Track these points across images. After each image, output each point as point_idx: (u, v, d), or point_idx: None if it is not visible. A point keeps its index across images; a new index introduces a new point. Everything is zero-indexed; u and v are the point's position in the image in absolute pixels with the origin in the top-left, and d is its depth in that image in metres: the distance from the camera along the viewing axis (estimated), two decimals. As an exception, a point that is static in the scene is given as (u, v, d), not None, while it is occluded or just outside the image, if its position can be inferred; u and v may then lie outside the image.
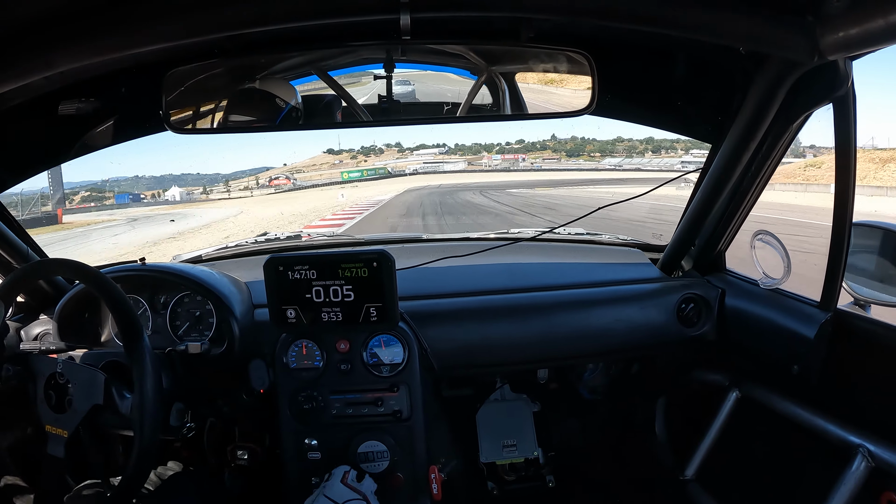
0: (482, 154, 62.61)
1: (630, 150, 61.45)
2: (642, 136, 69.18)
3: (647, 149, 61.13)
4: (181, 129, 1.61)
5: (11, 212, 1.87)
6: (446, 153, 64.12)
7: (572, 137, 64.76)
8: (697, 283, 1.98)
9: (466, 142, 61.98)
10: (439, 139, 72.29)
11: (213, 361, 1.78)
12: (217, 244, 2.58)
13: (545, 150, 62.63)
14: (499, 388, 2.45)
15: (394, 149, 59.49)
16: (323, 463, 1.78)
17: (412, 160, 56.09)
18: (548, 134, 63.92)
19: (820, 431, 1.58)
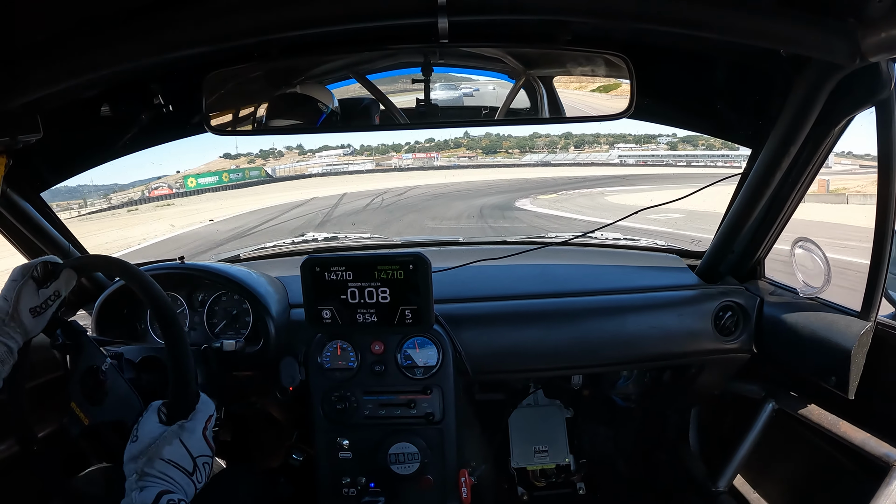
0: (391, 154, 60.77)
1: (551, 145, 59.79)
2: (560, 132, 67.76)
3: (568, 144, 59.47)
4: (221, 131, 1.64)
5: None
6: (351, 154, 62.39)
7: (486, 134, 62.94)
8: (736, 290, 1.94)
9: (373, 143, 59.21)
10: (344, 140, 68.29)
11: (247, 359, 1.80)
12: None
13: (459, 148, 60.77)
14: (532, 393, 2.43)
15: (294, 151, 57.22)
16: (354, 463, 1.79)
17: (314, 163, 53.65)
18: (460, 131, 61.97)
19: (856, 446, 1.54)
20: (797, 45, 1.21)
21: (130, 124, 1.87)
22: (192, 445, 1.20)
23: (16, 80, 1.22)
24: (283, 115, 1.66)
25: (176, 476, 1.15)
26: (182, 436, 1.20)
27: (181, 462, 1.17)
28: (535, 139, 61.14)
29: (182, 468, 1.17)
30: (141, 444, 1.17)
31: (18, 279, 1.31)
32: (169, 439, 1.18)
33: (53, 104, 1.50)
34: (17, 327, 1.30)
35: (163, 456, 1.15)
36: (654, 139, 58.23)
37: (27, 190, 1.82)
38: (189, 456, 1.19)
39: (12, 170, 1.58)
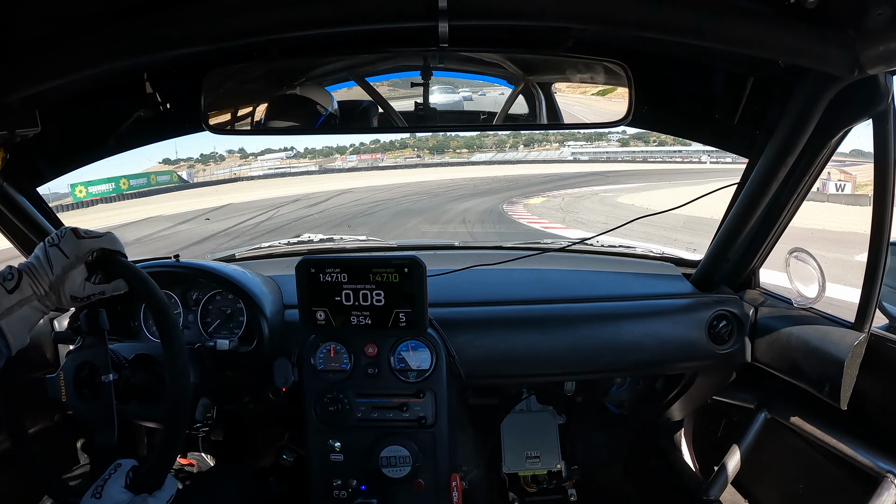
0: (334, 156, 59.71)
1: (500, 144, 59.36)
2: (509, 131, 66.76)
3: (517, 143, 59.01)
4: (219, 130, 1.64)
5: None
6: (294, 157, 61.27)
7: (434, 134, 62.37)
8: (730, 300, 1.94)
9: (317, 145, 57.79)
10: (287, 143, 66.25)
11: (241, 359, 1.79)
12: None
13: (405, 149, 59.87)
14: (525, 399, 2.43)
15: (236, 155, 55.62)
16: (345, 465, 1.79)
17: (256, 166, 52.18)
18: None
19: (849, 456, 1.55)
20: (796, 56, 1.21)
21: (128, 121, 1.86)
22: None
23: (14, 74, 1.22)
24: (281, 116, 1.66)
25: None
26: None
27: None
28: (483, 139, 60.46)
29: None
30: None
31: (71, 257, 1.27)
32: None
33: (52, 99, 1.49)
34: (55, 301, 1.28)
35: None
36: (605, 137, 58.00)
37: (23, 183, 1.82)
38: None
39: (9, 163, 1.58)
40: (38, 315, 1.27)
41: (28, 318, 1.24)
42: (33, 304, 1.24)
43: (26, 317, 1.24)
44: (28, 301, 1.23)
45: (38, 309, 1.26)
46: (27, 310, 1.23)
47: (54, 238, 1.29)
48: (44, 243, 1.29)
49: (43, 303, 1.26)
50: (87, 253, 1.29)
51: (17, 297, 1.22)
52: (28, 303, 1.23)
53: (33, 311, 1.25)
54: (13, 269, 1.24)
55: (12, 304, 1.21)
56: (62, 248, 1.27)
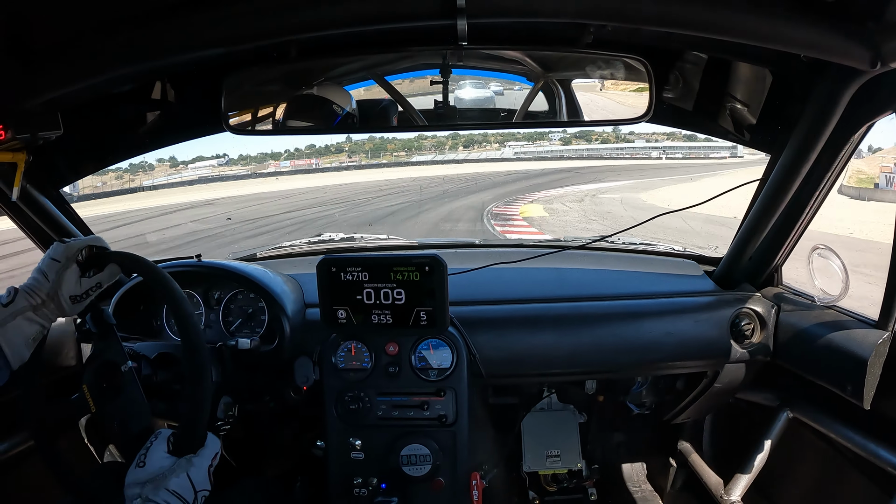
0: (268, 163, 58.78)
1: (439, 145, 58.44)
2: (447, 133, 66.04)
3: (457, 144, 57.99)
4: (239, 131, 1.65)
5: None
6: (226, 164, 59.35)
7: (370, 137, 60.91)
8: (752, 297, 1.92)
9: (252, 152, 56.70)
10: (220, 150, 64.14)
11: (262, 358, 1.80)
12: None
13: (341, 153, 58.70)
14: (546, 398, 2.42)
15: (166, 164, 54.21)
16: (366, 464, 1.79)
17: (188, 174, 50.75)
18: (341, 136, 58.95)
19: (871, 457, 1.52)
20: (816, 50, 1.19)
21: (149, 124, 1.88)
22: (197, 480, 1.25)
23: (37, 78, 1.24)
24: (301, 116, 1.67)
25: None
26: (189, 470, 1.24)
27: (185, 494, 1.22)
28: (421, 140, 59.78)
29: (183, 499, 1.21)
30: (148, 472, 1.22)
31: (62, 261, 1.32)
32: (177, 472, 1.23)
33: (73, 102, 1.51)
34: (55, 309, 1.31)
35: (169, 486, 1.20)
36: (546, 136, 57.17)
37: (46, 185, 1.84)
38: (192, 489, 1.23)
39: (32, 165, 1.59)
40: (36, 327, 1.29)
41: (24, 329, 1.26)
42: (27, 314, 1.27)
43: (22, 329, 1.26)
44: (21, 312, 1.26)
45: (34, 320, 1.28)
46: (21, 321, 1.26)
47: (46, 253, 1.34)
48: (39, 263, 1.34)
49: (40, 313, 1.29)
50: (76, 252, 1.34)
51: (10, 309, 1.25)
52: (21, 314, 1.26)
53: (29, 323, 1.27)
54: (11, 289, 1.28)
55: (5, 315, 1.24)
56: (52, 256, 1.32)
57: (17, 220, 1.83)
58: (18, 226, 1.86)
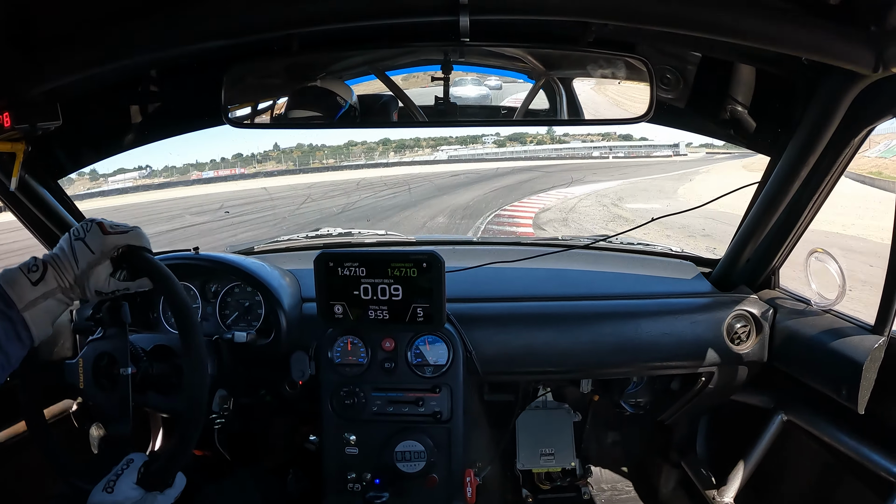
0: (191, 172, 55.20)
1: (368, 151, 58.01)
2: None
3: (388, 149, 57.30)
4: (239, 124, 1.65)
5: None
6: (148, 176, 54.71)
7: (298, 145, 58.95)
8: (749, 300, 1.93)
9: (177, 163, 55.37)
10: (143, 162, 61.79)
11: (258, 351, 1.80)
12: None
13: (268, 162, 57.33)
14: (541, 396, 2.42)
15: (86, 178, 51.51)
16: (360, 459, 1.79)
17: (107, 187, 48.01)
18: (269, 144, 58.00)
19: (865, 461, 1.53)
20: (819, 53, 1.19)
21: (149, 114, 1.88)
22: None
23: (37, 68, 1.24)
24: (300, 109, 1.66)
25: None
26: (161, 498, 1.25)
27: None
28: (350, 147, 59.36)
29: None
30: (113, 499, 1.20)
31: (97, 253, 1.27)
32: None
33: (73, 92, 1.51)
34: (79, 294, 1.28)
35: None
36: (479, 139, 57.11)
37: (45, 176, 1.84)
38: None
39: (31, 156, 1.59)
40: (62, 307, 1.27)
41: (52, 309, 1.24)
42: (58, 296, 1.24)
43: (50, 309, 1.24)
44: (52, 294, 1.23)
45: (61, 301, 1.26)
46: (51, 302, 1.24)
47: (79, 231, 1.29)
48: (69, 235, 1.29)
49: (67, 295, 1.27)
50: (113, 249, 1.29)
51: (41, 289, 1.22)
52: (52, 295, 1.23)
53: (57, 304, 1.25)
54: (38, 261, 1.24)
55: (37, 296, 1.21)
56: (88, 244, 1.27)
57: (15, 210, 1.83)
58: (16, 216, 1.86)
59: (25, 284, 1.20)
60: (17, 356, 1.20)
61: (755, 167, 17.87)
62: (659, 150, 47.20)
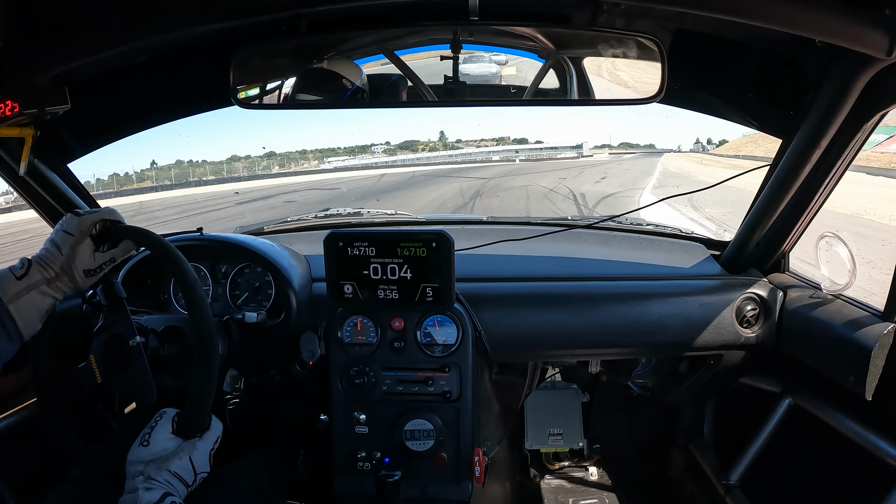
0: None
1: (252, 165, 56.87)
2: (262, 153, 64.83)
3: (271, 164, 55.98)
4: (248, 105, 1.64)
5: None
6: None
7: (177, 162, 59.10)
8: (759, 283, 1.91)
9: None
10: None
11: (268, 332, 1.81)
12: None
13: (145, 181, 56.22)
14: (550, 377, 2.43)
15: None
16: (370, 438, 1.81)
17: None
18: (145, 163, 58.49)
19: (871, 448, 1.52)
20: (832, 35, 1.17)
21: (158, 97, 1.88)
22: (198, 463, 1.29)
23: (44, 53, 1.24)
24: (310, 90, 1.66)
25: (177, 485, 1.24)
26: (192, 453, 1.28)
27: (184, 476, 1.26)
28: (233, 162, 57.91)
29: (184, 480, 1.25)
30: (151, 451, 1.24)
31: (76, 234, 1.31)
32: (180, 454, 1.26)
33: (81, 76, 1.51)
34: (69, 282, 1.31)
35: (171, 468, 1.24)
36: (369, 149, 56.79)
37: (54, 160, 1.85)
38: (193, 471, 1.28)
39: (39, 140, 1.60)
40: (49, 300, 1.29)
41: (37, 303, 1.27)
42: (41, 288, 1.27)
43: (35, 302, 1.26)
44: (36, 286, 1.26)
45: (47, 294, 1.28)
46: (35, 294, 1.26)
47: (58, 224, 1.33)
48: (51, 234, 1.33)
49: (53, 286, 1.29)
50: (90, 226, 1.33)
51: (24, 282, 1.25)
52: (36, 287, 1.26)
53: (42, 296, 1.28)
54: (24, 260, 1.28)
55: (20, 289, 1.24)
56: (66, 229, 1.31)
57: (24, 194, 1.84)
58: (27, 200, 1.87)
59: (10, 279, 1.24)
60: (5, 349, 1.22)
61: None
62: (563, 151, 47.19)
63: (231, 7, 1.18)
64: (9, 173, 1.71)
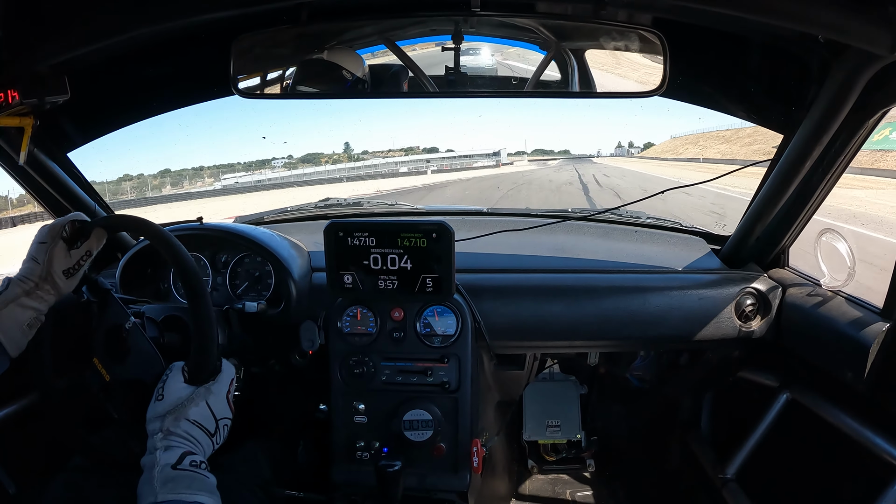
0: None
1: (140, 186, 55.91)
2: (156, 170, 62.95)
3: (164, 182, 55.37)
4: (248, 94, 1.65)
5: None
6: None
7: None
8: (758, 277, 1.92)
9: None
10: None
11: (268, 321, 1.82)
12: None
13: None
14: (548, 368, 2.44)
15: None
16: (369, 428, 1.82)
17: None
18: None
19: (867, 445, 1.52)
20: (836, 32, 1.17)
21: (158, 86, 1.88)
22: (217, 407, 1.26)
23: (43, 42, 1.24)
24: (311, 80, 1.65)
25: (199, 436, 1.20)
26: (209, 398, 1.25)
27: (205, 423, 1.22)
28: (123, 183, 56.71)
29: (205, 429, 1.22)
30: (167, 404, 1.21)
31: (48, 241, 1.33)
32: (196, 401, 1.23)
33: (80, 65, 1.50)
34: (50, 289, 1.32)
35: (189, 416, 1.20)
36: (269, 163, 56.66)
37: (54, 150, 1.85)
38: (213, 417, 1.24)
39: (39, 130, 1.59)
40: (30, 312, 1.30)
41: (17, 316, 1.28)
42: (20, 301, 1.28)
43: (15, 315, 1.27)
44: (14, 299, 1.27)
45: (27, 306, 1.29)
46: (14, 308, 1.27)
47: (33, 239, 1.36)
48: (28, 251, 1.35)
49: (34, 296, 1.30)
50: (60, 229, 1.34)
51: (2, 298, 1.27)
52: (14, 300, 1.27)
53: (22, 309, 1.28)
54: (6, 279, 1.30)
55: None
56: (39, 241, 1.33)
57: (24, 184, 1.84)
58: (26, 189, 1.87)
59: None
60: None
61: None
62: (479, 160, 46.66)
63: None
64: (9, 163, 1.71)
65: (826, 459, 1.75)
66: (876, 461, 1.49)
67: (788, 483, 1.88)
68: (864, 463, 1.55)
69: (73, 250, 1.36)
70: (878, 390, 1.48)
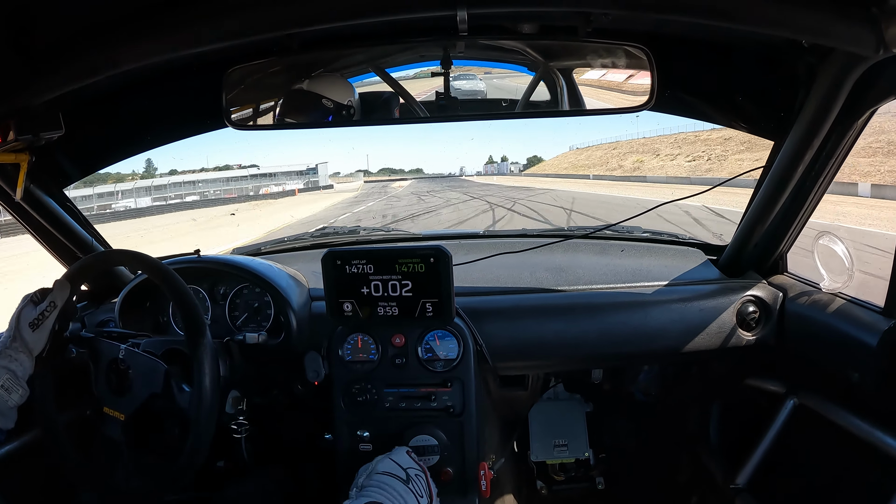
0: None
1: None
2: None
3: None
4: (241, 126, 1.65)
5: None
6: None
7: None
8: (758, 285, 1.92)
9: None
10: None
11: (269, 352, 1.81)
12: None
13: None
14: (552, 387, 2.43)
15: None
16: (374, 455, 1.79)
17: None
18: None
19: (877, 445, 1.51)
20: (819, 35, 1.17)
21: (152, 120, 1.89)
22: (400, 461, 1.49)
23: (38, 78, 1.24)
24: (302, 110, 1.66)
25: (392, 483, 1.38)
26: (391, 455, 1.51)
27: (395, 472, 1.43)
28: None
29: (397, 477, 1.41)
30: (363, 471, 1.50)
31: (16, 309, 1.41)
32: (382, 459, 1.49)
33: (74, 100, 1.51)
34: (19, 346, 1.37)
35: (378, 470, 1.43)
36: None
37: (50, 185, 1.85)
38: (400, 468, 1.46)
39: (35, 166, 1.60)
40: (4, 373, 1.34)
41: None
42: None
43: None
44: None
45: (5, 369, 1.34)
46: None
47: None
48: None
49: (4, 357, 1.35)
50: (31, 294, 1.44)
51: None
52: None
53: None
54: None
55: None
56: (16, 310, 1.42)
57: (21, 219, 1.84)
58: (22, 225, 1.87)
59: None
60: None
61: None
62: (288, 179, 46.08)
63: (222, 30, 1.18)
64: (5, 199, 1.71)
65: (837, 463, 1.74)
66: (888, 461, 1.48)
67: (800, 488, 1.86)
68: (876, 463, 1.54)
69: (38, 304, 1.42)
70: (885, 389, 1.47)
